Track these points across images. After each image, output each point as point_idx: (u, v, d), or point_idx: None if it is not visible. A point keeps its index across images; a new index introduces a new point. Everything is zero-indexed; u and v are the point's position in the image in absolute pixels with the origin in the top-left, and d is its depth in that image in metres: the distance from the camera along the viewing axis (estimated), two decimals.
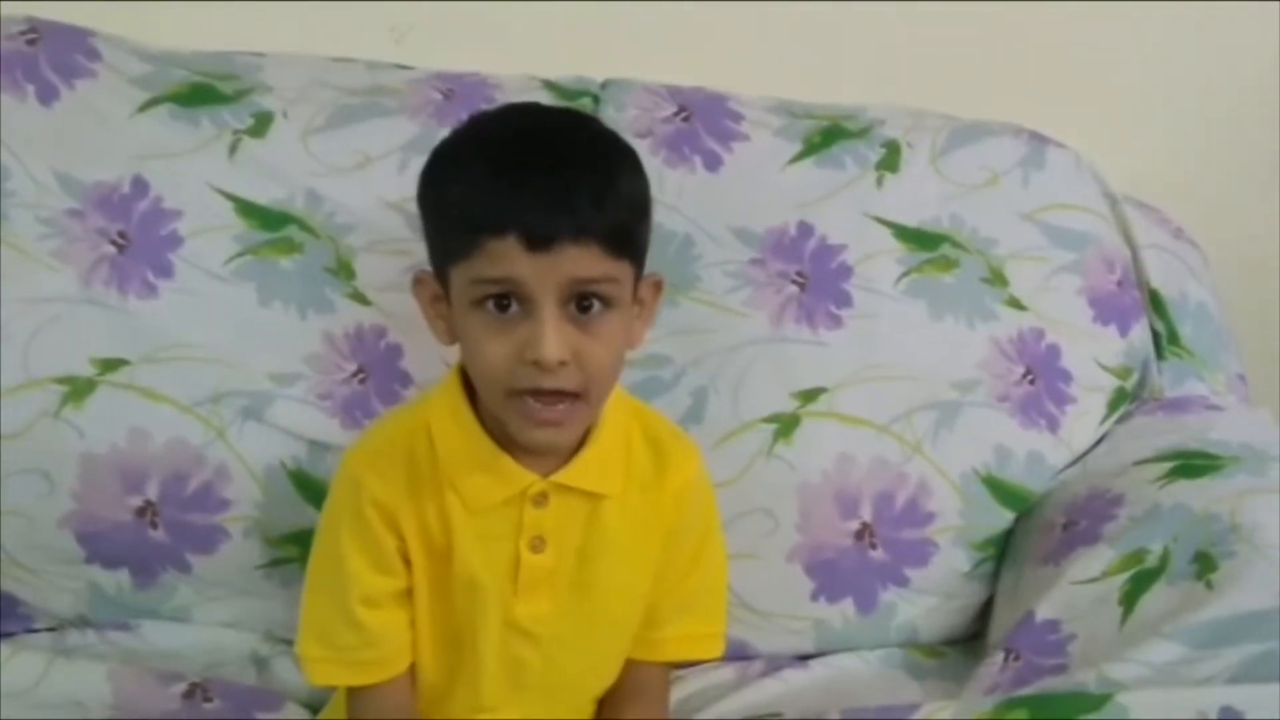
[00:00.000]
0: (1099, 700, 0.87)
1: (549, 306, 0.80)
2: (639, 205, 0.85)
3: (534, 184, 0.79)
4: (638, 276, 0.86)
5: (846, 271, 1.19)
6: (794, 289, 1.17)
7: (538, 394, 0.81)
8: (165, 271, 1.10)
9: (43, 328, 1.07)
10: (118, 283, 1.09)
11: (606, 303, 0.82)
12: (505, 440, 0.87)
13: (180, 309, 1.10)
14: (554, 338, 0.79)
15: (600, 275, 0.81)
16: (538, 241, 0.79)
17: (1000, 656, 1.03)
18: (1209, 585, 0.96)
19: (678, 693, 1.09)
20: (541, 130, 0.84)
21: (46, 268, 1.08)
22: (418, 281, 0.89)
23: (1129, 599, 1.00)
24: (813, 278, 1.18)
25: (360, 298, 1.12)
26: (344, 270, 1.13)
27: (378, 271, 1.13)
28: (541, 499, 0.89)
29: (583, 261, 0.80)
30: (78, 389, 1.06)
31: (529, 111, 0.94)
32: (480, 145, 0.84)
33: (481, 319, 0.82)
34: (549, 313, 0.80)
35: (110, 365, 1.07)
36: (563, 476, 0.88)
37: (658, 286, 0.91)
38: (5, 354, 1.06)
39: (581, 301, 0.81)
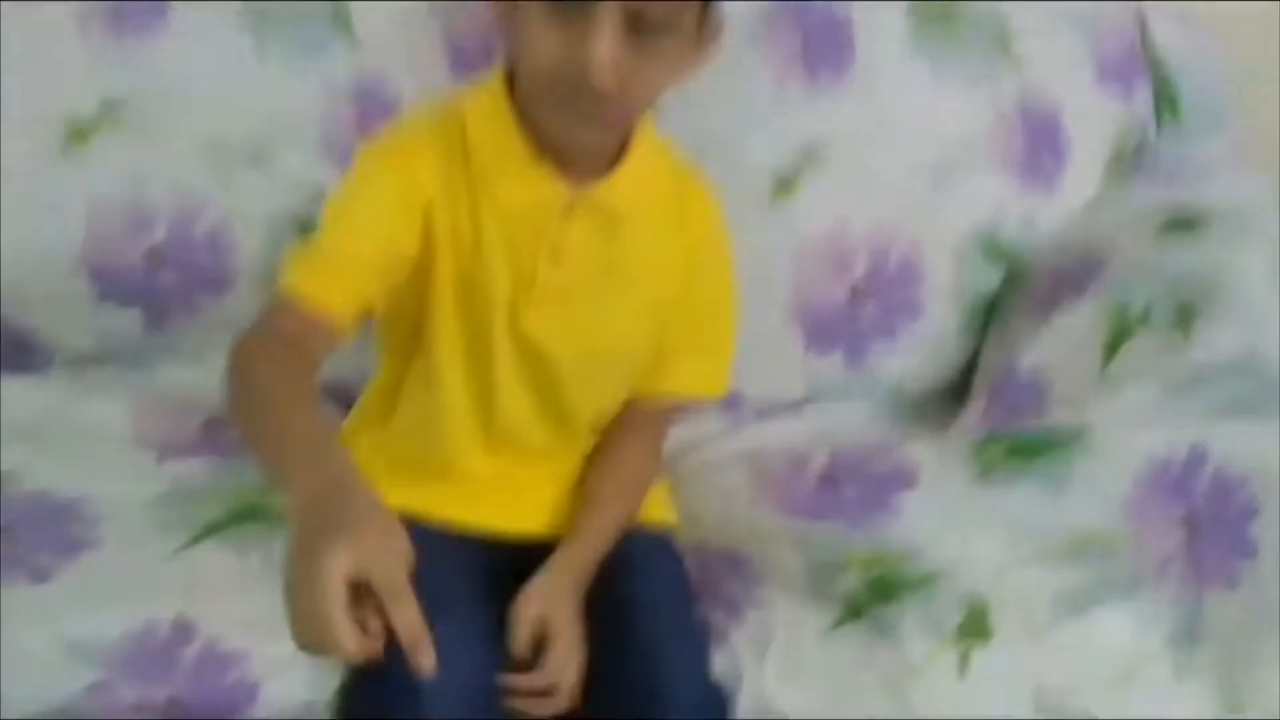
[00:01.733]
0: (1075, 434, 0.91)
1: (609, 15, 0.78)
2: None
3: None
4: (705, 8, 0.84)
5: (851, 26, 1.17)
6: (797, 44, 1.16)
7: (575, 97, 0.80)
8: (162, 13, 1.09)
9: (43, 68, 1.07)
10: (115, 24, 1.08)
11: (666, 28, 0.80)
12: (542, 146, 0.87)
13: (181, 53, 1.09)
14: (606, 59, 0.78)
15: None
16: None
17: (982, 403, 1.08)
18: (1186, 334, 1.00)
19: (669, 438, 1.13)
20: None
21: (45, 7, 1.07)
22: None
23: (1109, 348, 1.03)
24: (816, 33, 1.16)
25: (359, 46, 1.11)
26: (342, 21, 1.11)
27: (377, 19, 1.12)
28: (569, 211, 0.89)
29: None
30: (81, 130, 1.07)
31: None
32: None
33: (541, 8, 0.79)
34: (607, 23, 0.78)
35: (113, 106, 1.07)
36: (593, 191, 0.88)
37: (719, 29, 0.87)
38: (6, 94, 1.06)
39: (641, 21, 0.79)
